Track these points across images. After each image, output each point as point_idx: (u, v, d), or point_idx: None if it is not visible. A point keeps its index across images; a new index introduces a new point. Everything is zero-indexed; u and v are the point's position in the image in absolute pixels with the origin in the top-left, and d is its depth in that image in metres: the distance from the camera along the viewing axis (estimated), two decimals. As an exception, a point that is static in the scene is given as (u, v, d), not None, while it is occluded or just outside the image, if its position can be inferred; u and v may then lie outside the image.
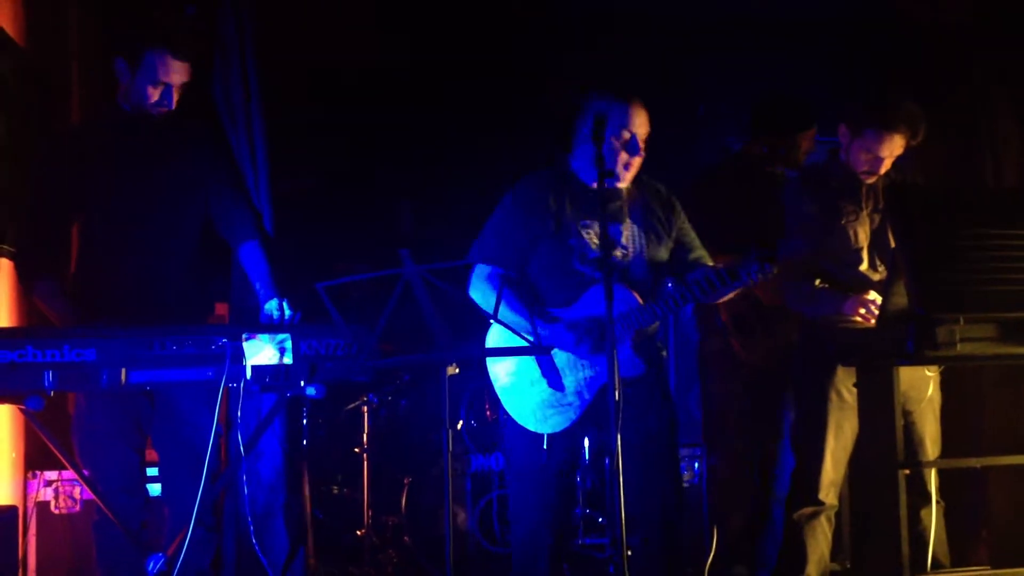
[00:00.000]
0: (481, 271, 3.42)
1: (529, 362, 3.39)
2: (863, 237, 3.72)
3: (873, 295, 3.58)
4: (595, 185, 3.17)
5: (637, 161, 3.38)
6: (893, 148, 3.64)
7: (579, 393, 3.37)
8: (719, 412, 4.38)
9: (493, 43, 5.36)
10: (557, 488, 3.45)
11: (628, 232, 3.40)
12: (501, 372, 3.45)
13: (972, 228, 3.20)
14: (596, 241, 3.35)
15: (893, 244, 3.56)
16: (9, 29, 3.85)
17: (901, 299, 3.21)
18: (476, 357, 3.49)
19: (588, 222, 3.37)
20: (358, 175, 5.80)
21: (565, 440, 3.42)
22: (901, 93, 3.70)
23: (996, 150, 4.57)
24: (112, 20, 4.17)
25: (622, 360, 3.27)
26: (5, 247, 3.65)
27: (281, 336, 2.97)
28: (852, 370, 3.57)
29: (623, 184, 3.41)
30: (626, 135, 3.33)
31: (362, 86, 5.49)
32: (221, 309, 4.00)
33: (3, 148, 3.77)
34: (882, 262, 3.72)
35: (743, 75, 5.24)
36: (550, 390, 3.38)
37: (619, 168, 3.34)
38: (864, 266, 3.72)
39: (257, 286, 3.44)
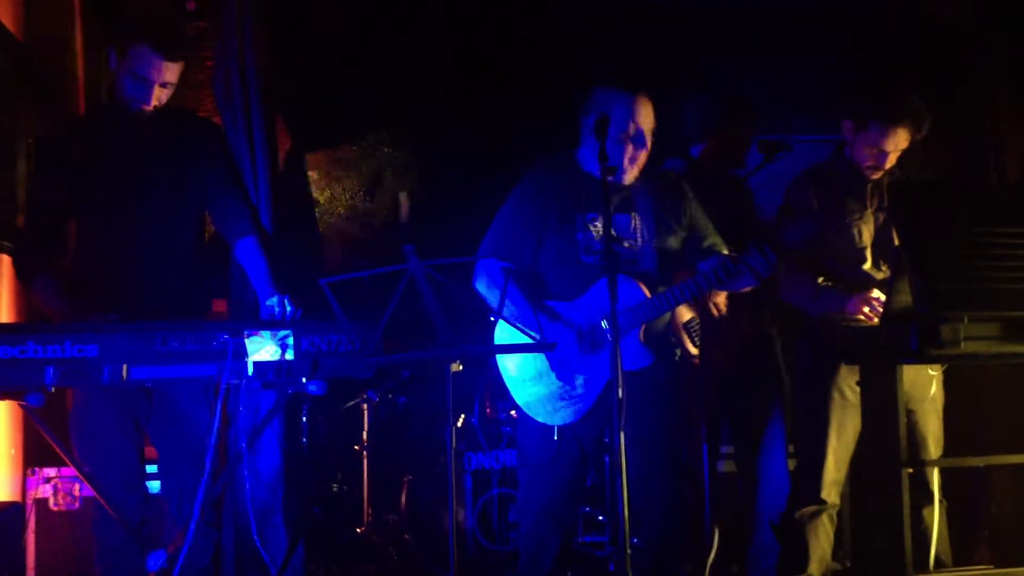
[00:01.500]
0: (486, 265, 3.41)
1: (539, 355, 3.38)
2: (867, 236, 3.71)
3: (877, 293, 3.57)
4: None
5: (643, 155, 3.36)
6: (898, 142, 3.63)
7: (588, 385, 3.35)
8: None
9: (496, 34, 5.34)
10: (566, 483, 3.42)
11: (635, 223, 3.38)
12: (511, 365, 3.43)
13: (976, 226, 3.19)
14: (602, 233, 3.33)
15: (897, 242, 3.55)
16: (9, 24, 3.84)
17: (905, 297, 3.20)
18: (480, 354, 3.46)
19: (594, 215, 3.36)
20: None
21: (575, 433, 3.39)
22: (905, 87, 3.69)
23: (999, 148, 4.58)
24: (113, 14, 4.16)
25: (629, 353, 3.27)
26: (5, 243, 3.63)
27: (283, 332, 2.95)
28: (855, 368, 3.56)
29: (629, 178, 3.39)
30: (632, 128, 3.31)
31: (361, 79, 5.47)
32: (219, 306, 3.98)
33: (3, 144, 3.75)
34: (885, 261, 3.71)
35: (745, 71, 5.22)
36: (559, 383, 3.37)
37: (625, 162, 3.33)
38: (868, 265, 3.71)
39: (255, 282, 3.42)
